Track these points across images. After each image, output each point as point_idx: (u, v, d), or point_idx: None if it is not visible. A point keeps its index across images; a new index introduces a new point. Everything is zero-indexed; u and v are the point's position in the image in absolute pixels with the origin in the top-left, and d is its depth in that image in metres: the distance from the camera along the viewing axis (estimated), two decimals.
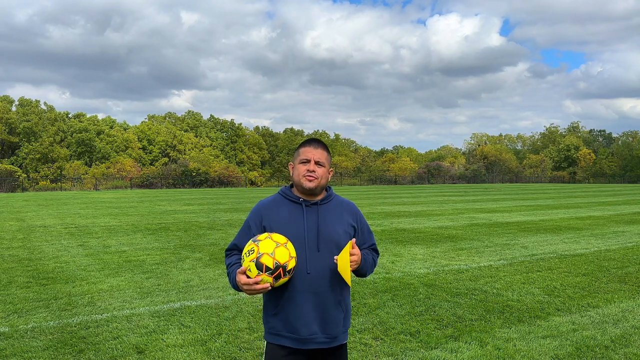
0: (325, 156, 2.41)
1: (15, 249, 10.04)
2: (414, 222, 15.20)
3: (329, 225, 2.38)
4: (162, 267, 8.07)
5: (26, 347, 4.47)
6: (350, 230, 2.44)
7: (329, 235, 2.36)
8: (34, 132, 58.29)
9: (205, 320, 5.25)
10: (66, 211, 19.59)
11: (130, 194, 37.27)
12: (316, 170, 2.37)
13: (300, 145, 2.45)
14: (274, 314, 2.35)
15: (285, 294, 2.32)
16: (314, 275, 2.31)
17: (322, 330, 2.33)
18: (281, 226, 2.34)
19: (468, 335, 4.79)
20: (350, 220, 2.46)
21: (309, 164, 2.37)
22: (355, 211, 2.52)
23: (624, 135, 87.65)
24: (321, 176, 2.38)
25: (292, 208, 2.40)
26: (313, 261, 2.32)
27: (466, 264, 8.31)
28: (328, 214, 2.41)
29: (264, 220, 2.40)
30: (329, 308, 2.35)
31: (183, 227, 13.78)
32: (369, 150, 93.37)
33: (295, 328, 2.31)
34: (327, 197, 2.46)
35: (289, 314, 2.32)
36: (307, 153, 2.39)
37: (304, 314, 2.31)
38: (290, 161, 2.50)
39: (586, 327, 5.04)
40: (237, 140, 72.23)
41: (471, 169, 75.83)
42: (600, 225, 14.19)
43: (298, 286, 2.31)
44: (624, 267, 8.05)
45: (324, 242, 2.35)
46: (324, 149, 2.43)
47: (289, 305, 2.32)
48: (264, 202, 2.49)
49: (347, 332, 2.48)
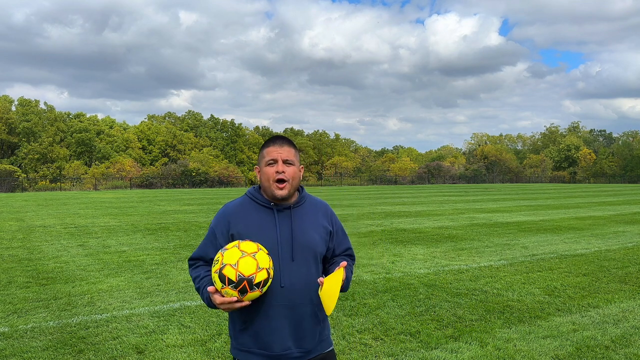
0: (293, 153, 2.18)
1: (15, 249, 10.03)
2: (414, 222, 15.19)
3: (304, 231, 2.16)
4: (162, 267, 8.06)
5: (26, 347, 4.46)
6: (326, 236, 2.23)
7: (305, 242, 2.14)
8: (34, 132, 58.28)
9: (205, 320, 5.24)
10: (66, 211, 19.58)
11: (130, 194, 37.26)
12: (285, 171, 2.13)
13: (263, 145, 2.21)
14: (243, 328, 2.14)
15: (255, 308, 2.09)
16: (289, 288, 2.10)
17: (296, 345, 2.12)
18: (251, 234, 2.11)
19: (468, 335, 4.78)
20: (325, 224, 2.24)
21: (276, 164, 2.14)
22: (329, 212, 2.30)
23: (624, 135, 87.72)
24: (292, 176, 2.15)
25: (262, 213, 2.17)
26: (287, 273, 2.10)
27: (466, 264, 8.30)
28: (302, 218, 2.19)
29: (231, 228, 2.15)
30: (305, 321, 2.13)
31: (183, 227, 13.78)
32: (369, 150, 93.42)
33: (267, 344, 2.10)
34: (301, 200, 2.23)
35: (259, 329, 2.10)
36: (272, 153, 2.15)
37: (277, 328, 2.10)
38: (256, 164, 2.26)
39: (586, 327, 5.03)
40: (237, 140, 72.23)
41: (471, 169, 75.81)
42: (600, 225, 14.18)
43: (271, 300, 2.08)
44: (624, 267, 8.04)
45: (299, 251, 2.13)
46: (290, 145, 2.20)
47: (260, 319, 2.10)
48: (229, 205, 2.24)
49: (327, 339, 2.25)
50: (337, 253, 2.32)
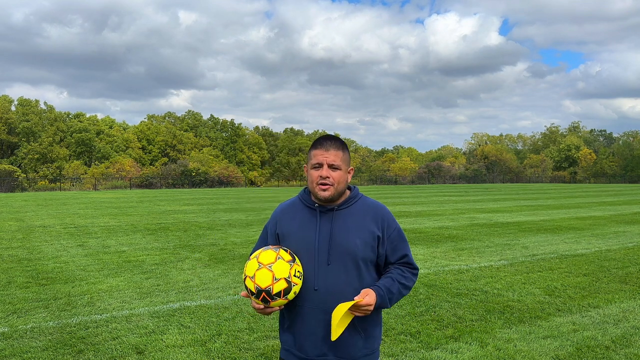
0: (340, 157, 2.09)
1: (15, 249, 10.02)
2: (414, 222, 15.19)
3: (344, 234, 2.08)
4: (162, 268, 8.06)
5: (25, 348, 4.45)
6: (372, 241, 2.10)
7: (343, 246, 2.06)
8: (34, 132, 58.29)
9: (204, 320, 5.24)
10: (65, 211, 19.57)
11: (129, 194, 37.25)
12: (330, 176, 2.06)
13: (312, 146, 2.14)
14: (287, 327, 2.16)
15: (294, 309, 2.11)
16: (323, 292, 2.05)
17: (333, 352, 2.07)
18: (292, 235, 2.11)
19: (468, 335, 4.77)
20: (373, 229, 2.11)
21: (321, 169, 2.07)
22: (382, 216, 2.15)
23: (624, 135, 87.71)
24: (337, 181, 2.07)
25: (306, 214, 2.14)
26: (322, 276, 2.06)
27: (467, 264, 8.29)
28: (345, 221, 2.10)
29: (277, 227, 2.17)
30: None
31: (182, 228, 13.77)
32: (369, 150, 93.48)
33: (303, 347, 2.09)
34: (348, 201, 2.15)
35: (297, 330, 2.11)
36: (318, 157, 2.08)
37: (312, 332, 2.07)
38: (305, 164, 2.23)
39: (587, 327, 5.02)
40: (237, 140, 72.22)
41: (472, 169, 75.80)
42: (601, 225, 14.17)
43: (305, 303, 2.07)
44: (624, 268, 8.03)
45: (336, 255, 2.06)
46: (338, 147, 2.10)
47: (297, 321, 2.11)
48: (282, 205, 2.26)
49: (373, 354, 2.14)
50: (392, 261, 2.17)
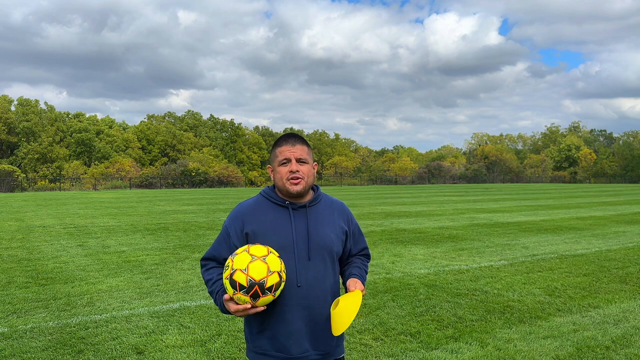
0: (306, 151, 2.15)
1: (14, 249, 10.02)
2: (414, 222, 15.18)
3: (320, 229, 2.13)
4: (162, 268, 8.05)
5: (25, 348, 4.45)
6: (342, 235, 2.21)
7: (321, 241, 2.12)
8: (33, 132, 58.29)
9: (204, 320, 5.23)
10: (65, 211, 19.56)
11: (129, 194, 37.24)
12: (299, 170, 2.11)
13: (275, 144, 2.18)
14: (259, 331, 2.11)
15: (272, 310, 2.06)
16: (305, 287, 2.07)
17: (313, 347, 2.10)
18: (267, 233, 2.09)
19: (469, 335, 4.77)
20: (341, 223, 2.22)
21: (290, 164, 2.11)
22: (346, 212, 2.28)
23: (624, 135, 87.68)
24: (306, 175, 2.12)
25: (277, 212, 2.14)
26: (304, 272, 2.08)
27: (467, 265, 8.29)
28: (318, 217, 2.16)
29: (246, 226, 2.12)
30: (321, 323, 2.10)
31: (182, 228, 13.76)
32: (369, 150, 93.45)
33: (285, 347, 2.07)
34: (316, 198, 2.20)
35: (277, 331, 2.08)
36: (285, 152, 2.12)
37: (294, 330, 2.07)
38: (268, 164, 2.24)
39: (587, 327, 5.02)
40: (236, 140, 72.22)
41: (472, 169, 75.81)
42: (601, 225, 14.17)
43: (287, 301, 2.06)
44: (625, 268, 8.03)
45: (315, 250, 2.10)
46: (303, 143, 2.16)
47: (276, 322, 2.08)
48: (244, 205, 2.22)
49: (342, 345, 2.23)
50: (354, 253, 2.32)
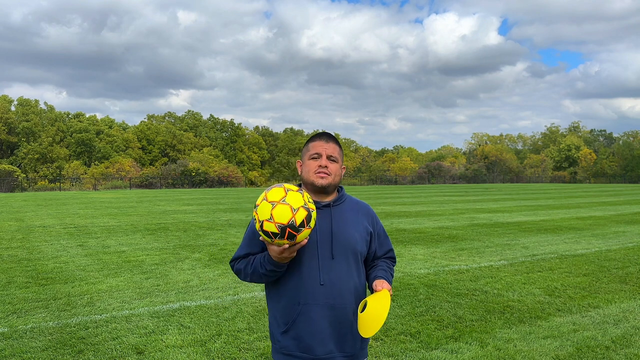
0: (337, 151, 2.18)
1: (14, 249, 10.02)
2: (414, 222, 15.18)
3: (344, 229, 2.14)
4: (162, 268, 8.05)
5: (25, 348, 4.45)
6: (366, 236, 2.20)
7: (344, 240, 2.12)
8: (33, 132, 58.28)
9: (204, 320, 5.23)
10: (65, 211, 19.56)
11: (129, 194, 37.24)
12: (329, 166, 2.13)
13: (310, 139, 2.21)
14: (284, 331, 2.10)
15: (296, 309, 2.07)
16: (329, 286, 2.07)
17: (339, 349, 2.08)
18: None
19: (469, 335, 4.77)
20: (366, 224, 2.22)
21: (320, 159, 2.13)
22: (371, 213, 2.28)
23: (624, 135, 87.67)
24: (334, 172, 2.14)
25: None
26: (327, 270, 2.07)
27: (467, 265, 8.29)
28: (342, 216, 2.17)
29: None
30: (347, 323, 2.08)
31: (182, 228, 13.76)
32: (369, 150, 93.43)
33: (310, 347, 2.05)
34: (340, 198, 2.22)
35: (301, 331, 2.06)
36: (317, 147, 2.15)
37: (319, 330, 2.05)
38: (298, 159, 2.27)
39: (587, 327, 5.02)
40: (236, 140, 72.21)
41: (472, 169, 75.81)
42: (601, 225, 14.17)
43: (310, 299, 2.06)
44: (624, 268, 8.03)
45: (338, 248, 2.11)
46: (336, 143, 2.20)
47: (301, 321, 2.07)
48: None
49: (366, 348, 2.22)
50: (379, 255, 2.29)
